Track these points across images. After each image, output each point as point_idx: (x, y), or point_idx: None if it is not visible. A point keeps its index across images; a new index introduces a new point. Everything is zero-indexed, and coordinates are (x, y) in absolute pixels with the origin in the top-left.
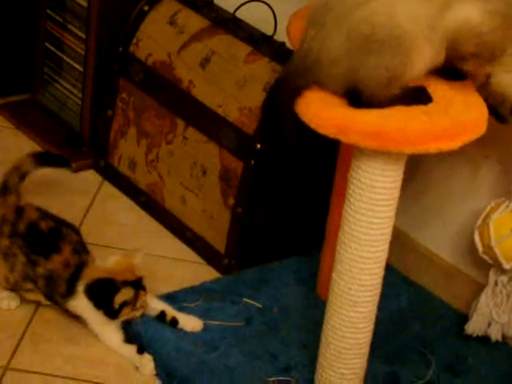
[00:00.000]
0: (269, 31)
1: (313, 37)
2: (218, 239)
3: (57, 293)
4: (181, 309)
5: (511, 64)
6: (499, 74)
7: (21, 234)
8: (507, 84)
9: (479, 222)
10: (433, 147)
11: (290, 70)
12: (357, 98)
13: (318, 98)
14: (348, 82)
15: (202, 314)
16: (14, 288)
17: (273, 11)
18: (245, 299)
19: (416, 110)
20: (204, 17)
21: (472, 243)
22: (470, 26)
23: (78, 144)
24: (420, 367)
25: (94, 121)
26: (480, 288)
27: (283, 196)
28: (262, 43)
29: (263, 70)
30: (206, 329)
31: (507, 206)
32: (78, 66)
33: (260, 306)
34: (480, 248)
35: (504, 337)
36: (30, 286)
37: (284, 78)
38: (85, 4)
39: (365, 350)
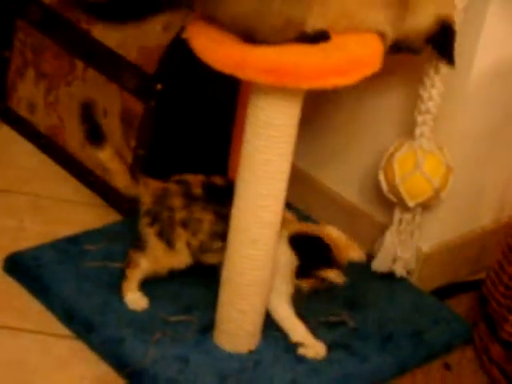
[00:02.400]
0: None
1: None
2: (119, 181)
3: None
4: (82, 252)
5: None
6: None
7: (200, 197)
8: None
9: (384, 161)
10: (328, 82)
11: None
12: (252, 37)
13: (213, 34)
14: (244, 23)
15: (104, 257)
16: (194, 252)
17: None
18: None
19: (313, 47)
20: None
21: (376, 183)
22: None
23: None
24: (321, 305)
25: None
26: (381, 227)
27: (185, 137)
28: None
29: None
30: (108, 272)
31: (410, 145)
32: None
33: None
34: (385, 187)
35: (408, 272)
36: (219, 244)
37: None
38: None
39: (265, 287)
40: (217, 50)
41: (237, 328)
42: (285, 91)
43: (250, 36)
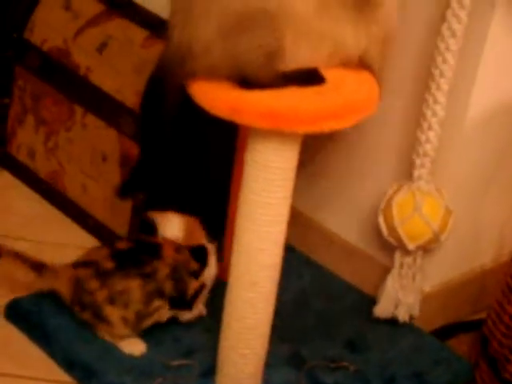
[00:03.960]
0: (166, 15)
1: (183, 27)
2: (120, 226)
3: (187, 279)
4: None
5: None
6: None
7: (114, 269)
8: None
9: (382, 204)
10: (325, 126)
11: (164, 65)
12: (244, 81)
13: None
14: (229, 69)
15: None
16: (134, 326)
17: None
18: None
19: (308, 90)
20: (99, 1)
21: (376, 225)
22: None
23: None
24: (322, 346)
25: None
26: (383, 269)
27: (185, 182)
28: (158, 27)
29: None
30: None
31: (409, 188)
32: None
33: None
34: (385, 230)
35: (411, 317)
36: (156, 303)
37: (159, 76)
38: None
39: (265, 329)
40: (213, 95)
41: (238, 371)
42: (282, 135)
43: (241, 80)
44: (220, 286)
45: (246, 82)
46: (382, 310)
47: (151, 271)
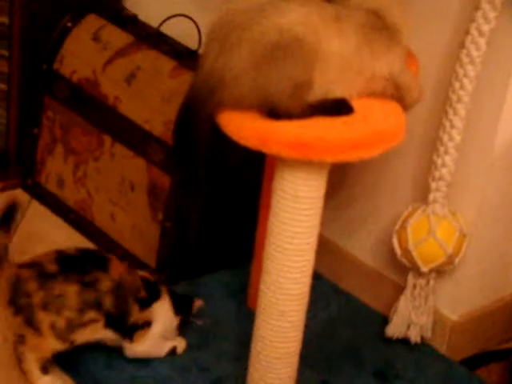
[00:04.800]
0: (193, 45)
1: (216, 56)
2: (148, 255)
3: (131, 303)
4: None
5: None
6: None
7: (57, 272)
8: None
9: (397, 226)
10: (353, 155)
11: (194, 94)
12: (273, 111)
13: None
14: (257, 99)
15: None
16: (62, 335)
17: (197, 25)
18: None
19: (336, 120)
20: (128, 32)
21: (392, 247)
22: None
23: (4, 163)
24: (351, 375)
25: (20, 139)
26: (402, 291)
27: (213, 210)
28: (186, 57)
29: (188, 85)
30: None
31: (424, 210)
32: (1, 85)
33: (200, 322)
34: (398, 252)
35: (422, 338)
36: (91, 314)
37: (189, 105)
38: (6, 21)
39: (294, 359)
40: (241, 125)
41: None
42: (310, 164)
43: (269, 111)
44: (248, 315)
45: (274, 113)
46: (393, 329)
47: (93, 280)
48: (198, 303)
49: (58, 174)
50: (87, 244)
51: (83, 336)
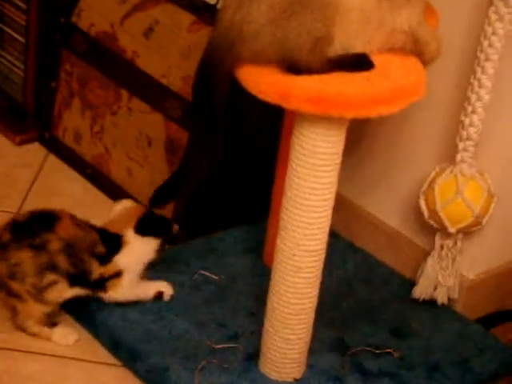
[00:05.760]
0: (212, 0)
1: (235, 9)
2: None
3: (88, 259)
4: None
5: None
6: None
7: (11, 241)
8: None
9: (424, 187)
10: (373, 111)
11: (213, 49)
12: (293, 66)
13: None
14: (277, 54)
15: None
16: (36, 298)
17: None
18: (201, 271)
19: (356, 75)
20: None
21: (417, 208)
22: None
23: (21, 117)
24: (366, 332)
25: (38, 93)
26: (424, 253)
27: (230, 165)
28: (205, 12)
29: (207, 39)
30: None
31: (451, 171)
32: (19, 38)
33: (216, 277)
34: (426, 213)
35: (449, 299)
36: (50, 277)
37: (208, 60)
38: None
39: (310, 315)
40: (261, 80)
41: (282, 357)
42: (329, 120)
43: (288, 65)
44: (264, 271)
45: (294, 68)
46: (420, 291)
47: (42, 242)
48: (176, 228)
49: (75, 128)
50: (103, 199)
51: (53, 297)
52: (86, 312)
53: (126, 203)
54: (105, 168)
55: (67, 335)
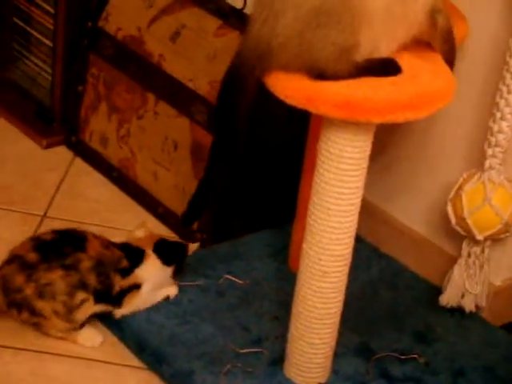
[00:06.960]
0: (238, 4)
1: (262, 22)
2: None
3: (113, 275)
4: None
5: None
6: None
7: (39, 261)
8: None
9: (452, 193)
10: (400, 116)
11: (242, 60)
12: (320, 75)
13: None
14: (304, 65)
15: None
16: (67, 318)
17: None
18: (227, 276)
19: (384, 80)
20: None
21: (444, 215)
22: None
23: (48, 120)
24: (390, 338)
25: (65, 96)
26: (450, 259)
27: (255, 169)
28: (231, 16)
29: (233, 44)
30: (178, 302)
31: (479, 177)
32: (47, 42)
33: (241, 282)
34: (453, 219)
35: (477, 307)
36: (80, 295)
37: (237, 70)
38: None
39: (335, 320)
40: (288, 85)
41: (307, 361)
42: (356, 125)
43: (316, 74)
44: (289, 276)
45: (321, 76)
46: (448, 299)
47: (73, 262)
48: (193, 246)
49: (102, 131)
50: (129, 202)
51: (81, 315)
52: (110, 315)
53: (139, 233)
54: (131, 172)
55: (93, 337)
